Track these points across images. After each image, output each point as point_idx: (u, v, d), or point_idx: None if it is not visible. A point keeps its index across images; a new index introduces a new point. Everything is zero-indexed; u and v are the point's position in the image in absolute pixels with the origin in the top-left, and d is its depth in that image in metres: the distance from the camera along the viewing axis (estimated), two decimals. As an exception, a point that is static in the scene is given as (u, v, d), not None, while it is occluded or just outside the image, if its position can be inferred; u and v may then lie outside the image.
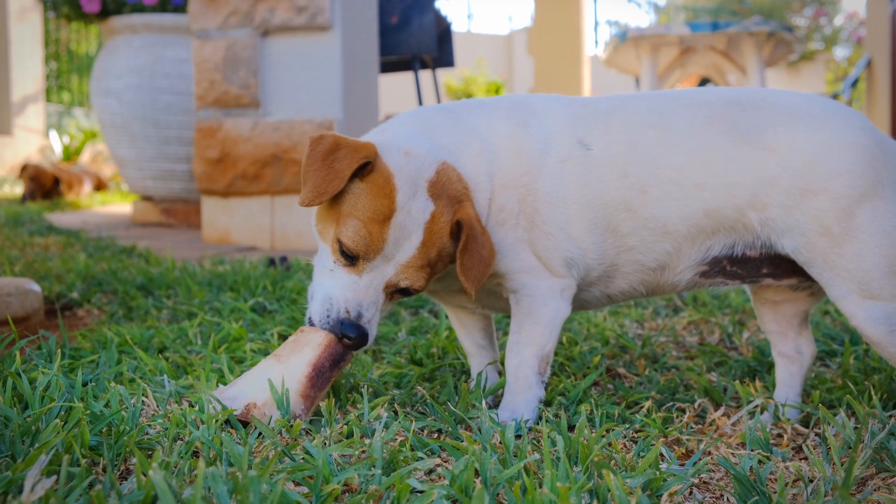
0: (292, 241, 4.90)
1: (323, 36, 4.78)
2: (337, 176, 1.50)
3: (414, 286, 1.57)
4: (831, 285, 1.56)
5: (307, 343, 1.57)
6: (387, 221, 1.52)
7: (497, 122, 1.69)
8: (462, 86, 12.13)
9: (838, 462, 1.37)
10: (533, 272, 1.68)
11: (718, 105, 1.64)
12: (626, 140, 1.65)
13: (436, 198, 1.56)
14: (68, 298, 2.92)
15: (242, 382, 1.57)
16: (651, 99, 1.72)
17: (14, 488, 1.13)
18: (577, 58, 12.96)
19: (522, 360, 1.67)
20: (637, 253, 1.67)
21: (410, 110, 1.78)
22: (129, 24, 5.89)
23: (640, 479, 1.25)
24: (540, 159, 1.65)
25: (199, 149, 4.93)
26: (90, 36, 14.78)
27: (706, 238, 1.64)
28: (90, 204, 8.58)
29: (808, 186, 1.54)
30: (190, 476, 1.27)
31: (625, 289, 1.75)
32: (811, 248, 1.55)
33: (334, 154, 1.53)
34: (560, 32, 12.99)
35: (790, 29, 7.79)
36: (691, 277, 1.70)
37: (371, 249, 1.53)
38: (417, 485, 1.21)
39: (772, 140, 1.57)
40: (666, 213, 1.62)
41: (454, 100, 11.89)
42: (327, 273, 1.59)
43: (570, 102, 1.74)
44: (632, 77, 10.37)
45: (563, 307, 1.69)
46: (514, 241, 1.66)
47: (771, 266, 1.66)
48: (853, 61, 16.08)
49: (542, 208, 1.64)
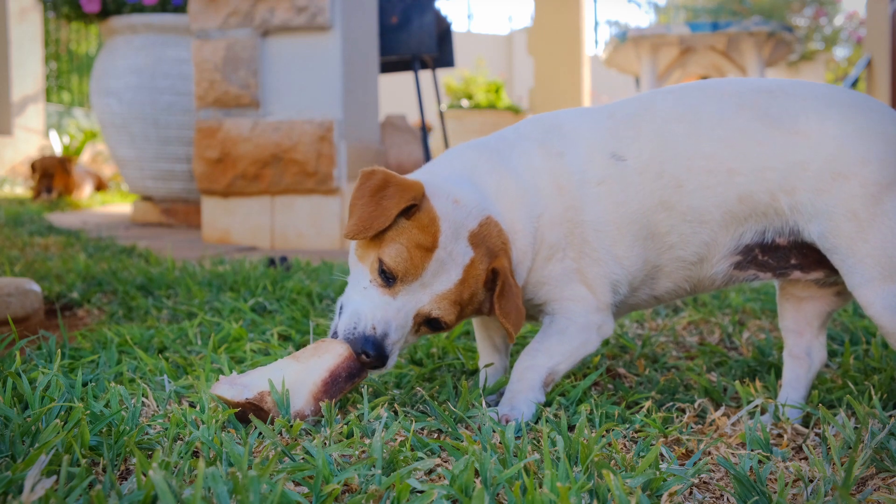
0: (292, 241, 4.90)
1: (323, 36, 4.78)
2: (383, 213, 1.54)
3: (445, 318, 1.60)
4: (853, 272, 1.57)
5: (328, 350, 1.58)
6: (429, 253, 1.56)
7: (535, 158, 1.72)
8: (462, 86, 12.11)
9: (838, 462, 1.37)
10: (579, 300, 1.73)
11: (748, 94, 1.67)
12: (657, 141, 1.68)
13: (475, 247, 1.60)
14: (68, 298, 2.92)
15: (256, 373, 1.57)
16: (677, 93, 1.74)
17: (14, 488, 1.13)
18: (577, 58, 12.96)
19: (534, 364, 1.70)
20: (677, 249, 1.71)
21: (455, 149, 1.81)
22: (129, 24, 5.89)
23: (640, 479, 1.25)
24: (580, 189, 1.69)
25: (199, 149, 4.93)
26: (90, 36, 14.77)
27: (739, 224, 1.66)
28: (90, 204, 8.58)
29: (840, 170, 1.56)
30: (190, 476, 1.27)
31: (670, 288, 1.79)
32: (837, 233, 1.56)
33: (383, 191, 1.56)
34: (560, 32, 12.99)
35: (790, 29, 7.79)
36: (727, 269, 1.72)
37: (410, 272, 1.56)
38: (417, 485, 1.21)
39: (803, 125, 1.60)
40: (701, 203, 1.65)
41: (454, 100, 11.87)
42: (360, 290, 1.60)
43: (598, 115, 1.76)
44: (632, 77, 10.37)
45: (594, 342, 1.74)
46: (562, 272, 1.71)
47: (799, 256, 1.68)
48: (853, 61, 16.08)
49: (590, 237, 1.69)
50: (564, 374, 1.74)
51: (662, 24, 9.08)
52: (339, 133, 4.79)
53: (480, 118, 11.38)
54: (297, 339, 2.29)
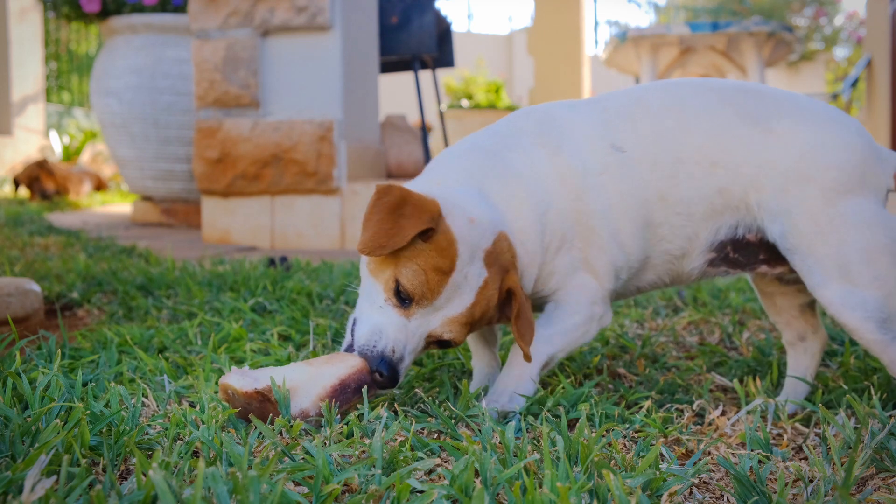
0: (292, 241, 4.90)
1: (323, 36, 4.78)
2: (400, 233, 1.53)
3: (455, 340, 1.62)
4: (812, 273, 1.63)
5: (341, 360, 1.58)
6: (446, 276, 1.56)
7: (534, 154, 1.72)
8: (462, 86, 12.09)
9: (838, 462, 1.37)
10: (584, 289, 1.75)
11: (730, 90, 1.74)
12: (651, 131, 1.72)
13: (489, 266, 1.61)
14: (68, 298, 2.92)
15: (268, 369, 1.58)
16: (666, 86, 1.79)
17: (14, 488, 1.13)
18: (577, 58, 12.96)
19: (534, 351, 1.71)
20: (666, 242, 1.75)
21: (452, 153, 1.79)
22: (129, 24, 5.89)
23: (640, 479, 1.25)
24: (584, 179, 1.71)
25: (199, 149, 4.93)
26: (90, 36, 14.77)
27: (717, 218, 1.71)
28: (90, 204, 8.58)
29: (804, 172, 1.63)
30: (190, 476, 1.27)
31: (653, 280, 1.83)
32: (797, 232, 1.63)
33: (400, 209, 1.55)
34: (560, 32, 12.99)
35: (790, 29, 7.79)
36: (702, 266, 1.77)
37: (426, 296, 1.56)
38: (417, 485, 1.21)
39: (777, 125, 1.67)
40: (689, 195, 1.70)
41: (454, 100, 11.85)
42: (377, 309, 1.60)
43: (591, 108, 1.78)
44: (632, 77, 10.37)
45: (593, 332, 1.78)
46: (570, 262, 1.73)
47: (766, 252, 1.74)
48: (853, 61, 16.08)
49: (597, 224, 1.72)
50: (560, 360, 1.78)
51: (662, 24, 9.08)
52: (339, 133, 4.79)
53: (480, 118, 11.37)
54: (297, 339, 2.29)
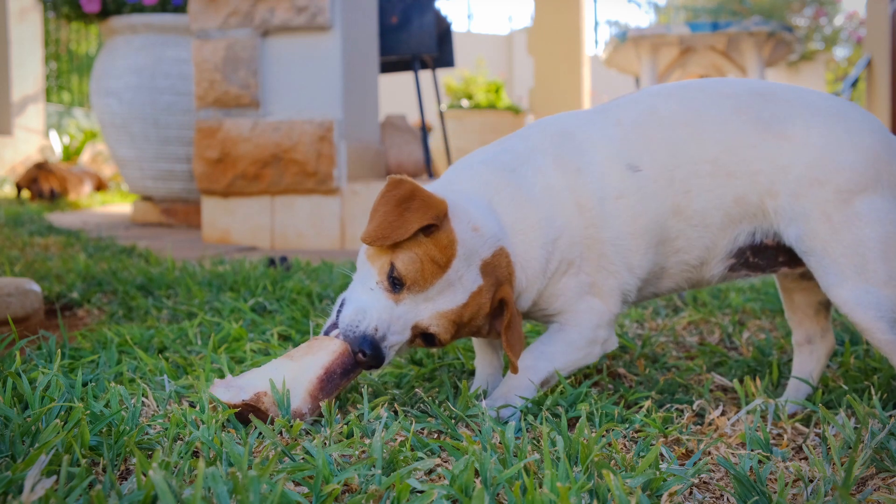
0: (292, 241, 4.90)
1: (323, 36, 4.78)
2: (403, 225, 1.55)
3: (440, 336, 1.61)
4: (828, 272, 1.63)
5: (322, 348, 1.58)
6: (441, 271, 1.57)
7: (551, 177, 1.72)
8: (462, 86, 12.09)
9: (838, 462, 1.37)
10: (591, 313, 1.75)
11: (744, 96, 1.72)
12: (666, 146, 1.71)
13: (485, 276, 1.62)
14: (68, 298, 2.92)
15: (252, 374, 1.58)
16: (679, 94, 1.76)
17: (14, 488, 1.13)
18: (577, 58, 12.95)
19: (535, 366, 1.72)
20: (683, 253, 1.75)
21: (467, 164, 1.79)
22: (129, 24, 5.89)
23: (640, 479, 1.25)
24: (600, 206, 1.70)
25: (199, 149, 4.93)
26: (90, 36, 14.77)
27: (735, 227, 1.72)
28: (90, 204, 8.58)
29: (817, 176, 1.63)
30: (190, 476, 1.27)
31: (671, 286, 1.84)
32: (813, 235, 1.63)
33: (408, 203, 1.57)
34: (560, 32, 12.98)
35: (790, 29, 7.78)
36: (722, 272, 1.78)
37: (418, 283, 1.57)
38: (417, 485, 1.21)
39: (790, 130, 1.67)
40: (705, 206, 1.70)
41: (454, 100, 11.84)
42: (367, 290, 1.61)
43: (605, 122, 1.76)
44: (632, 77, 10.37)
45: (596, 355, 1.78)
46: (577, 286, 1.74)
47: (785, 255, 1.75)
48: (853, 61, 16.08)
49: (608, 251, 1.72)
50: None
51: (662, 24, 9.08)
52: (339, 133, 4.79)
53: (480, 118, 11.37)
54: (297, 338, 2.29)
